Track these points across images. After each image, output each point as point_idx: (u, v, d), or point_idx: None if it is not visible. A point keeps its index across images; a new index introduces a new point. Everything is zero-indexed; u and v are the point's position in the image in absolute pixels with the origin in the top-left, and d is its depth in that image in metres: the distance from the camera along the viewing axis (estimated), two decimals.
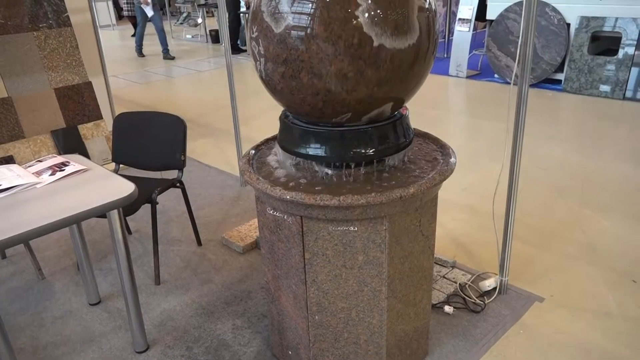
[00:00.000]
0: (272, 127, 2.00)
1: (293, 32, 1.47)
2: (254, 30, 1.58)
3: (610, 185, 3.48)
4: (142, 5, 8.62)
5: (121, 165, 2.79)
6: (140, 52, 9.50)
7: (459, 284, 2.44)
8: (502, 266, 2.36)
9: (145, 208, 3.23)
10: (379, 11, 1.44)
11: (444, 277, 2.49)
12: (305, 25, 1.46)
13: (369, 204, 1.55)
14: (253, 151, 1.96)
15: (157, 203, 2.56)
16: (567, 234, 2.89)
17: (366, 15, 1.43)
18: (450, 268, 2.57)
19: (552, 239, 2.85)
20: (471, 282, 2.45)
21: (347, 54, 1.45)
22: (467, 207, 3.24)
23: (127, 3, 12.00)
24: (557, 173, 3.70)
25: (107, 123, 3.94)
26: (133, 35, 12.30)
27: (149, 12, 8.53)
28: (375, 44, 1.45)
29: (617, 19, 5.33)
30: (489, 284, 2.39)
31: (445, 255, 2.65)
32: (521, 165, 2.19)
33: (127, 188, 1.86)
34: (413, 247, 1.76)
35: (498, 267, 2.38)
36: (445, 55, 7.55)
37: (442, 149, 1.91)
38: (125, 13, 12.11)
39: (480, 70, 6.84)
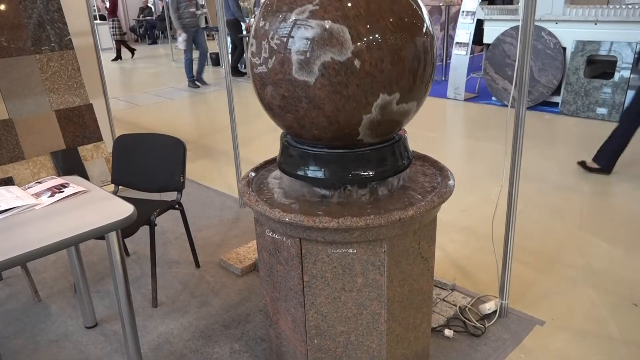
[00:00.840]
0: (272, 149, 2.01)
1: (307, 90, 1.51)
2: (274, 38, 1.55)
3: (608, 208, 3.48)
4: (177, 38, 8.02)
5: (120, 187, 2.79)
6: (193, 82, 8.38)
7: (459, 307, 2.42)
8: (502, 289, 2.34)
9: (144, 229, 3.22)
10: (380, 122, 1.58)
11: (443, 300, 2.47)
12: (320, 96, 1.50)
13: (368, 226, 1.55)
14: (252, 173, 1.96)
15: (156, 225, 2.56)
16: (567, 257, 2.88)
17: (369, 122, 1.56)
18: (450, 291, 2.55)
19: (552, 261, 2.84)
20: (471, 305, 2.43)
21: (333, 135, 1.59)
22: (467, 229, 3.24)
23: (112, 27, 12.17)
24: (555, 195, 3.70)
25: (107, 145, 3.95)
26: (114, 60, 12.22)
27: (181, 45, 8.03)
28: (360, 137, 1.61)
29: (612, 43, 5.40)
30: (489, 307, 2.37)
31: (445, 278, 2.63)
32: (519, 187, 2.20)
33: (126, 210, 1.86)
34: (412, 269, 1.75)
35: (498, 290, 2.37)
36: (443, 78, 7.62)
37: (441, 171, 1.91)
38: (113, 37, 12.24)
39: (478, 93, 6.90)
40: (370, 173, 1.67)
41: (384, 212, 1.59)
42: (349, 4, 1.46)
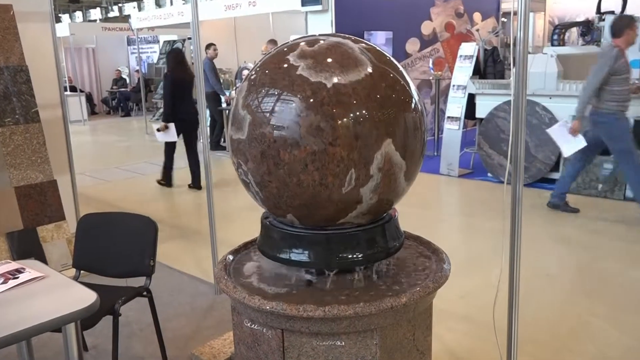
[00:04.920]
0: (252, 229, 2.02)
1: (256, 119, 1.54)
2: (256, 111, 1.62)
3: (618, 292, 3.48)
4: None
5: (82, 272, 2.74)
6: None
7: None
8: None
9: (107, 320, 3.12)
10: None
11: None
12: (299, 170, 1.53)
13: (358, 315, 1.52)
14: (230, 256, 1.95)
15: (120, 314, 2.49)
16: (577, 347, 2.83)
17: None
18: None
19: (562, 353, 2.79)
20: None
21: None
22: (466, 317, 3.19)
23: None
24: (560, 278, 3.70)
25: (71, 224, 3.91)
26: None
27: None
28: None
29: None
30: None
31: None
32: (521, 270, 2.20)
33: (87, 298, 1.81)
34: None
35: None
36: (435, 154, 7.81)
37: (435, 253, 1.92)
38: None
39: (473, 169, 7.06)
40: (359, 256, 1.67)
41: (375, 299, 1.58)
42: (332, 84, 1.53)
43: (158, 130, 6.38)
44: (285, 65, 1.59)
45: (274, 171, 1.58)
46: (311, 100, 1.51)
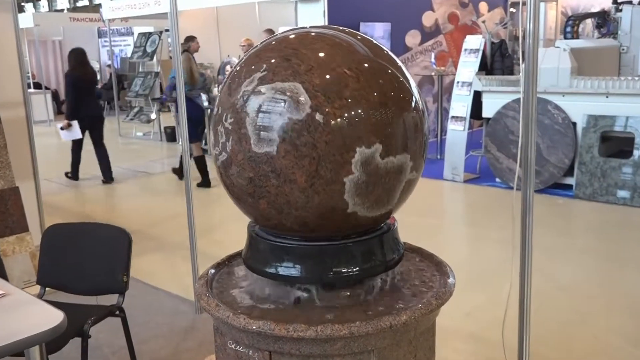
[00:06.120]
0: (237, 241, 2.02)
1: (272, 163, 1.52)
2: (229, 117, 1.60)
3: (638, 307, 3.50)
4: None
5: (48, 289, 2.73)
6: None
7: None
8: None
9: (74, 342, 3.10)
10: (367, 184, 1.55)
11: None
12: (287, 166, 1.51)
13: (353, 335, 1.52)
14: (213, 270, 1.95)
15: (90, 336, 2.48)
16: None
17: (354, 185, 1.53)
18: None
19: None
20: None
21: (317, 211, 1.56)
22: (473, 336, 3.20)
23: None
24: (576, 294, 3.72)
25: (34, 236, 3.89)
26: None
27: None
28: (349, 210, 1.57)
29: (627, 118, 5.70)
30: None
31: None
32: (533, 284, 2.22)
33: (53, 318, 1.81)
34: None
35: None
36: (438, 157, 7.84)
37: (438, 266, 1.92)
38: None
39: (480, 174, 7.09)
40: (355, 270, 1.68)
41: (372, 317, 1.58)
42: (303, 63, 1.53)
43: (62, 128, 7.02)
44: (347, 151, 1.51)
45: (250, 194, 1.61)
46: (277, 86, 1.52)
